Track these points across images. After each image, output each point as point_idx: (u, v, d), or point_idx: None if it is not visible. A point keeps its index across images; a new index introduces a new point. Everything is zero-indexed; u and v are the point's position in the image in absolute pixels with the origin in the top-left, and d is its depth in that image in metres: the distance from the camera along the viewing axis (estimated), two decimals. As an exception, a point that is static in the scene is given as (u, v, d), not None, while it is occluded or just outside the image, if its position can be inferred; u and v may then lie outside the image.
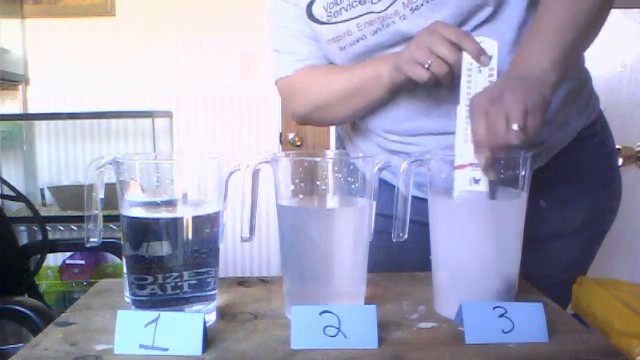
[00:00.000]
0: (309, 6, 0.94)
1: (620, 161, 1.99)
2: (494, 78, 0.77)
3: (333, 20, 0.92)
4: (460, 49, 0.78)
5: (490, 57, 0.77)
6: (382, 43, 0.91)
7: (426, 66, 0.79)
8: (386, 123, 0.97)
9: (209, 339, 0.63)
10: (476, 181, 0.71)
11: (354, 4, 0.90)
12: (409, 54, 0.82)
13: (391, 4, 0.87)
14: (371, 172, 0.70)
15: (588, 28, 0.83)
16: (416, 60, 0.80)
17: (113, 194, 0.68)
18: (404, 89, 0.90)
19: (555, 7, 0.81)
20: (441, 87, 0.84)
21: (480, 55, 0.77)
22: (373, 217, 0.73)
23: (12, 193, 1.83)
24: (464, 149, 0.74)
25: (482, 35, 0.80)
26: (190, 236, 0.66)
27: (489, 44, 0.78)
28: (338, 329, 0.61)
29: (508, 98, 0.70)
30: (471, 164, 0.72)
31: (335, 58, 0.97)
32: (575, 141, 0.99)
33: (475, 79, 0.77)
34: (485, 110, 0.71)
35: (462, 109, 0.76)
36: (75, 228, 2.64)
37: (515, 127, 0.69)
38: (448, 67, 0.79)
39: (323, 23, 0.93)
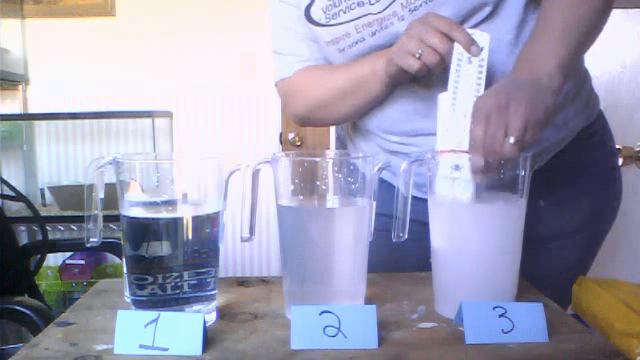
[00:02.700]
0: (307, 8, 0.94)
1: (620, 161, 1.99)
2: (484, 69, 0.77)
3: (331, 22, 0.92)
4: (452, 40, 0.78)
5: (481, 48, 0.77)
6: (381, 45, 0.91)
7: (417, 56, 0.79)
8: (385, 124, 0.97)
9: (209, 339, 0.63)
10: (457, 168, 0.71)
11: (352, 6, 0.90)
12: (400, 44, 0.82)
13: (389, 5, 0.87)
14: (371, 172, 0.70)
15: (591, 31, 0.83)
16: (407, 50, 0.80)
17: (113, 194, 0.68)
18: (402, 86, 0.90)
19: (558, 11, 0.81)
20: (441, 85, 0.84)
21: (470, 46, 0.77)
22: (373, 217, 0.73)
23: (12, 193, 1.83)
24: (446, 136, 0.74)
25: None
26: (190, 236, 0.66)
27: (481, 36, 0.78)
28: (338, 329, 0.61)
29: (512, 109, 0.71)
30: (452, 150, 0.72)
31: (334, 60, 0.97)
32: (575, 141, 0.99)
33: (465, 69, 0.77)
34: (487, 116, 0.71)
35: (447, 97, 0.76)
36: (75, 228, 2.64)
37: (512, 140, 0.69)
38: (439, 57, 0.79)
39: (321, 25, 0.93)
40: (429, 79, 0.87)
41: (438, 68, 0.80)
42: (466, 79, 0.77)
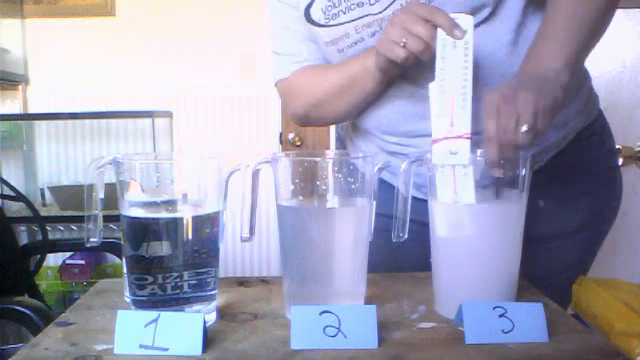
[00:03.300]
0: (307, 9, 0.94)
1: (620, 161, 1.99)
2: (469, 51, 0.76)
3: (331, 23, 0.92)
4: (435, 26, 0.78)
5: (465, 31, 0.77)
6: None
7: (402, 44, 0.79)
8: (383, 125, 0.97)
9: (209, 339, 0.63)
10: (453, 153, 0.71)
11: (352, 7, 0.90)
12: (384, 34, 0.82)
13: (389, 6, 0.87)
14: (371, 172, 0.70)
15: (597, 28, 0.84)
16: (391, 39, 0.80)
17: (113, 194, 0.68)
18: (398, 86, 0.90)
19: (565, 8, 0.81)
20: (431, 81, 0.84)
21: (453, 29, 0.76)
22: (373, 217, 0.73)
23: (12, 193, 1.83)
24: (439, 123, 0.74)
25: (480, 36, 0.80)
26: (190, 236, 0.66)
27: (464, 19, 0.77)
28: (338, 329, 0.61)
29: (520, 98, 0.71)
30: (446, 137, 0.72)
31: (333, 60, 0.97)
32: (575, 141, 0.99)
33: (450, 54, 0.77)
34: (497, 108, 0.72)
35: (436, 85, 0.76)
36: (75, 228, 2.64)
37: (524, 128, 0.70)
38: (424, 43, 0.78)
39: (321, 26, 0.93)
40: (425, 79, 0.87)
41: (425, 55, 0.79)
42: (452, 64, 0.76)
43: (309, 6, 0.94)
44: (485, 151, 0.72)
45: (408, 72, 0.87)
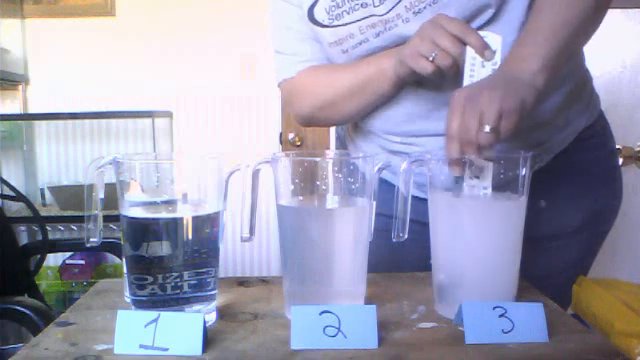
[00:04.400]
0: (311, 9, 0.94)
1: (620, 161, 1.99)
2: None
3: (335, 23, 0.92)
4: (464, 43, 0.78)
5: (494, 51, 0.77)
6: (385, 46, 0.90)
7: (430, 59, 0.79)
8: (387, 125, 0.97)
9: (209, 339, 0.63)
10: (475, 175, 0.71)
11: (356, 7, 0.89)
12: (413, 47, 0.82)
13: (393, 7, 0.87)
14: (371, 172, 0.70)
15: (581, 31, 0.83)
16: (420, 53, 0.80)
17: (113, 194, 0.68)
18: (408, 86, 0.90)
19: (548, 10, 0.81)
20: (443, 86, 0.84)
21: (484, 50, 0.77)
22: (373, 217, 0.73)
23: (12, 193, 1.83)
24: None
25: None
26: (190, 236, 0.66)
27: (493, 39, 0.78)
28: (338, 329, 0.61)
29: (485, 98, 0.71)
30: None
31: (337, 60, 0.96)
32: (576, 141, 0.99)
33: (478, 73, 0.77)
34: (462, 106, 0.71)
35: None
36: (75, 228, 2.64)
37: (487, 129, 0.69)
38: (452, 59, 0.79)
39: (325, 26, 0.93)
40: (431, 81, 0.87)
41: (451, 70, 0.80)
42: None
43: (312, 6, 0.93)
44: (446, 149, 0.72)
45: (422, 77, 0.87)
